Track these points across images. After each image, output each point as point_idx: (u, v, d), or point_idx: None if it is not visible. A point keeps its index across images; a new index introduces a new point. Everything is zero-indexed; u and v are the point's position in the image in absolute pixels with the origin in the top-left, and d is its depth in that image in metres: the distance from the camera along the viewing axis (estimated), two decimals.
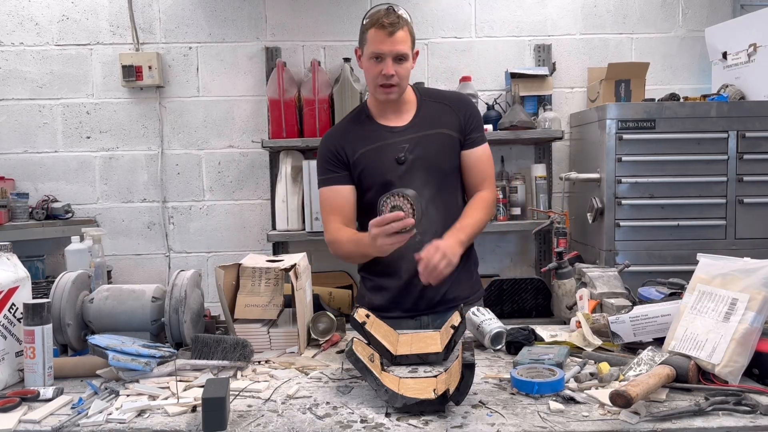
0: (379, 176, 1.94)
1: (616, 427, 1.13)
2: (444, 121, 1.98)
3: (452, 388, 1.19)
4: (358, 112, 2.07)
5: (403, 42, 1.87)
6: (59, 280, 1.61)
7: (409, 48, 1.90)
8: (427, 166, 1.94)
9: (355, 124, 2.03)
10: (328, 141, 2.03)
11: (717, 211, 2.79)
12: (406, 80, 1.93)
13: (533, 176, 3.21)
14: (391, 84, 1.89)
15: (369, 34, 1.87)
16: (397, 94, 1.93)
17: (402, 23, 1.87)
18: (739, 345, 1.27)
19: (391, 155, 1.94)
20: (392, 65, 1.87)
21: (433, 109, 2.01)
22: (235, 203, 3.35)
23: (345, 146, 1.97)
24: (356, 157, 1.96)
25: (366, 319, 1.55)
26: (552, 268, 2.07)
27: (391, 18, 1.85)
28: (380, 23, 1.84)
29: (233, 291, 1.69)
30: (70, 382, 1.42)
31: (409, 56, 1.91)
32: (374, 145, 1.96)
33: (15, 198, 3.08)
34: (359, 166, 1.96)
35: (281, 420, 1.19)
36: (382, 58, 1.87)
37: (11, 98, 3.26)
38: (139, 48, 3.26)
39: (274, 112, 3.07)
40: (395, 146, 1.95)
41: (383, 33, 1.84)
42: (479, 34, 3.32)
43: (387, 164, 1.94)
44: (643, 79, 3.11)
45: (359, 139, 1.98)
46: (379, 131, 1.98)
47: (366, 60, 1.91)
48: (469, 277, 2.04)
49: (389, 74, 1.87)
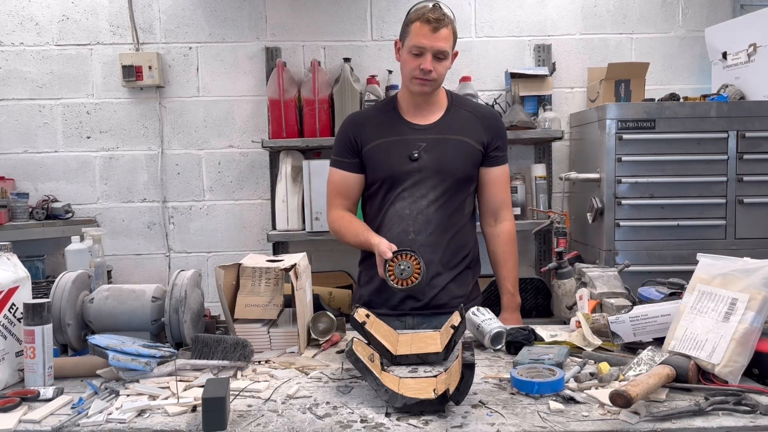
0: (388, 170, 1.95)
1: (616, 427, 1.13)
2: (469, 130, 1.97)
3: (452, 388, 1.19)
4: (386, 102, 2.08)
5: (445, 39, 1.86)
6: (59, 280, 1.61)
7: (451, 47, 1.90)
8: (439, 169, 1.93)
9: (379, 113, 2.03)
10: (348, 125, 2.04)
11: (717, 211, 2.79)
12: (442, 78, 1.92)
13: (533, 176, 3.21)
14: (428, 79, 1.88)
15: (413, 27, 1.87)
16: (431, 89, 1.92)
17: (447, 21, 1.86)
18: (739, 345, 1.27)
19: (405, 151, 1.94)
20: (431, 61, 1.86)
21: (462, 116, 1.99)
22: (235, 203, 3.35)
23: (362, 134, 1.98)
24: (369, 147, 1.96)
25: (366, 319, 1.55)
26: (552, 268, 2.07)
27: (437, 14, 1.84)
28: (426, 17, 1.83)
29: (233, 291, 1.69)
30: (70, 382, 1.42)
31: (449, 55, 1.90)
32: (391, 138, 1.96)
33: (15, 198, 3.08)
34: (371, 157, 1.97)
35: (281, 420, 1.19)
36: (422, 53, 1.86)
37: (11, 98, 3.26)
38: (139, 48, 3.26)
39: (274, 112, 3.07)
40: (412, 143, 1.94)
41: (428, 28, 1.84)
42: (479, 34, 3.32)
43: (399, 158, 1.94)
44: (643, 79, 3.11)
45: (378, 129, 1.98)
46: (400, 125, 1.98)
47: (406, 53, 1.90)
48: (461, 284, 2.01)
49: (427, 69, 1.86)
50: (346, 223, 1.99)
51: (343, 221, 2.00)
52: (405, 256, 1.75)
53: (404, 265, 1.74)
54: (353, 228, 1.96)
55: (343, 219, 2.00)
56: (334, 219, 2.03)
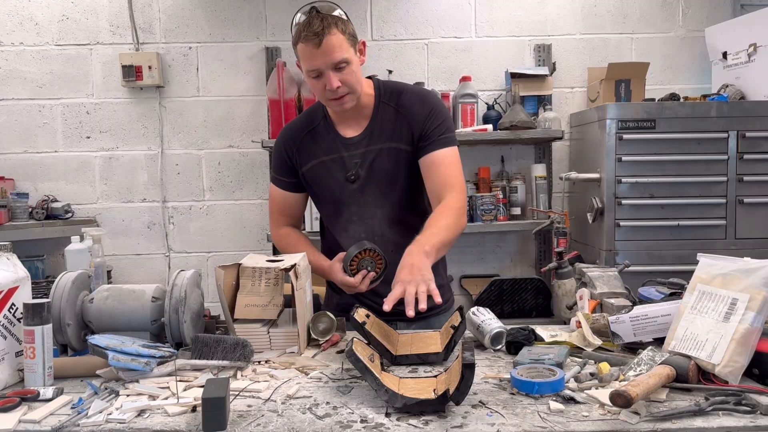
0: (329, 194, 1.85)
1: (616, 427, 1.12)
2: (396, 133, 1.80)
3: (452, 388, 1.19)
4: (317, 109, 1.89)
5: (336, 48, 1.64)
6: (59, 280, 1.61)
7: (347, 49, 1.67)
8: (380, 183, 1.81)
9: (312, 127, 1.87)
10: (283, 142, 1.90)
11: (717, 211, 2.79)
12: (357, 84, 1.72)
13: (533, 176, 3.22)
14: (341, 95, 1.70)
15: (298, 50, 1.68)
16: (351, 103, 1.74)
17: (328, 26, 1.62)
18: (739, 345, 1.27)
19: (342, 172, 1.82)
20: (334, 77, 1.66)
21: (389, 115, 1.81)
22: (235, 203, 3.35)
23: (297, 154, 1.86)
24: (306, 169, 1.86)
25: (366, 319, 1.55)
26: (552, 268, 2.07)
27: (315, 26, 1.62)
28: (304, 36, 1.63)
29: (233, 291, 1.69)
30: (70, 382, 1.42)
31: (350, 59, 1.68)
32: (327, 158, 1.84)
33: (15, 198, 3.08)
34: (310, 179, 1.87)
35: (281, 420, 1.19)
36: (321, 73, 1.67)
37: (11, 98, 3.26)
38: (139, 48, 3.26)
39: (274, 112, 3.07)
40: (347, 161, 1.82)
41: (311, 46, 1.63)
42: (479, 34, 3.32)
43: (338, 182, 1.83)
44: (643, 79, 3.11)
45: (313, 147, 1.85)
46: (333, 142, 1.84)
47: (306, 77, 1.73)
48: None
49: (333, 88, 1.67)
50: (293, 242, 1.90)
51: (289, 240, 1.92)
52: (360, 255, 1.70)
53: (365, 263, 1.71)
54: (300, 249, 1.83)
55: (289, 238, 1.92)
56: (279, 237, 1.95)
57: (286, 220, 1.96)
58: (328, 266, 1.78)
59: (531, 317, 2.95)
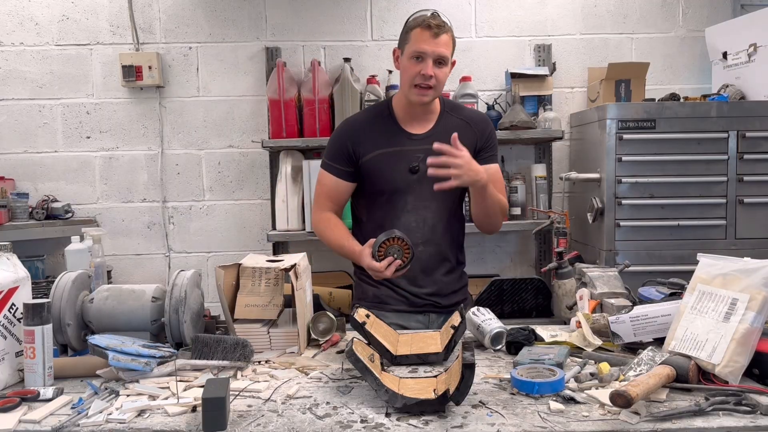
0: (390, 183, 1.97)
1: (616, 427, 1.13)
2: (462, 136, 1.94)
3: (452, 388, 1.19)
4: (382, 107, 2.06)
5: (446, 45, 1.87)
6: (59, 280, 1.61)
7: (450, 53, 1.91)
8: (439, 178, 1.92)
9: (376, 121, 2.02)
10: (345, 132, 2.03)
11: (717, 211, 2.79)
12: (441, 85, 1.92)
13: (533, 176, 3.21)
14: (428, 86, 1.88)
15: (413, 33, 1.88)
16: (430, 98, 1.92)
17: (447, 28, 1.88)
18: (739, 345, 1.27)
19: (405, 163, 1.96)
20: (432, 66, 1.86)
21: (453, 123, 2.00)
22: (235, 203, 3.35)
23: (359, 144, 1.98)
24: (369, 157, 1.97)
25: (366, 319, 1.55)
26: (552, 268, 2.07)
27: (437, 20, 1.86)
28: (426, 23, 1.85)
29: (233, 291, 1.69)
30: (70, 382, 1.42)
31: (449, 61, 1.91)
32: (392, 149, 1.97)
33: (15, 198, 3.07)
34: (370, 168, 1.97)
35: (281, 420, 1.19)
36: (423, 58, 1.86)
37: (11, 98, 3.26)
38: (139, 48, 3.26)
39: (274, 112, 3.07)
40: (411, 154, 1.96)
41: (428, 33, 1.85)
42: (479, 34, 3.32)
43: (400, 172, 1.96)
44: (643, 79, 3.11)
45: (377, 139, 1.98)
46: (399, 135, 1.99)
47: (406, 59, 1.90)
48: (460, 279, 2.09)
49: (428, 74, 1.86)
50: (332, 226, 2.01)
51: (329, 223, 2.02)
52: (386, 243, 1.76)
53: (392, 251, 1.75)
54: (337, 233, 1.99)
55: (330, 221, 2.02)
56: (319, 219, 2.05)
57: (330, 206, 2.05)
58: (359, 251, 1.85)
59: (531, 317, 2.95)
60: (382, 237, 1.75)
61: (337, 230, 1.99)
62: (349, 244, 1.94)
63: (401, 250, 1.76)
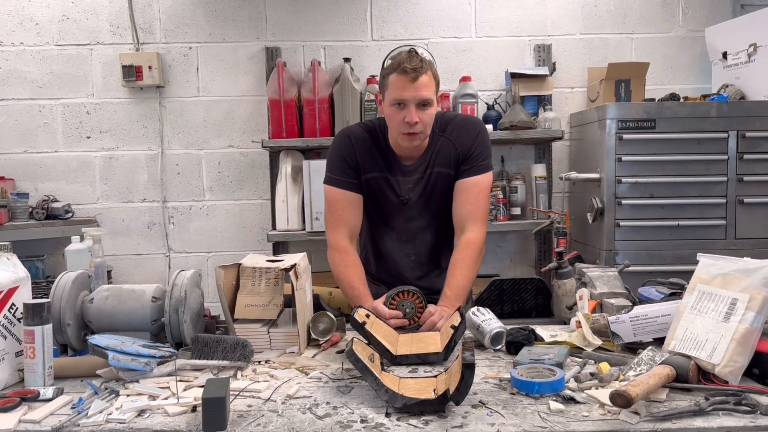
0: (381, 207, 1.98)
1: (616, 427, 1.13)
2: (444, 158, 1.94)
3: (452, 388, 1.19)
4: (378, 130, 1.97)
5: (426, 87, 1.78)
6: (59, 280, 1.61)
7: (433, 93, 1.82)
8: (427, 205, 1.97)
9: (374, 142, 1.96)
10: (349, 144, 1.95)
11: (717, 211, 2.79)
12: (430, 126, 1.86)
13: (533, 176, 3.21)
14: (416, 132, 1.82)
15: (391, 79, 1.80)
16: (419, 141, 1.87)
17: (425, 67, 1.78)
18: (739, 345, 1.27)
19: (395, 193, 1.96)
20: (416, 112, 1.78)
21: (440, 144, 1.95)
22: (235, 203, 3.35)
23: (361, 159, 1.94)
24: (368, 177, 1.96)
25: (366, 319, 1.55)
26: (552, 268, 2.07)
27: (414, 62, 1.76)
28: (402, 68, 1.76)
29: (233, 291, 1.69)
30: (70, 382, 1.42)
31: (433, 101, 1.82)
32: (383, 175, 1.95)
33: (15, 198, 3.08)
34: (367, 188, 1.97)
35: (281, 420, 1.19)
36: (404, 105, 1.79)
37: (11, 98, 3.26)
38: (139, 48, 3.26)
39: (274, 112, 3.07)
40: (402, 184, 1.96)
41: (406, 79, 1.76)
42: (479, 34, 3.32)
43: (389, 201, 1.97)
44: (643, 79, 3.11)
45: (375, 161, 1.95)
46: (392, 163, 1.96)
47: (387, 106, 1.83)
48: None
49: (412, 122, 1.79)
50: (350, 264, 1.92)
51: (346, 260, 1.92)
52: (401, 296, 1.79)
53: (406, 305, 1.78)
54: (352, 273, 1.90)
55: (347, 260, 1.92)
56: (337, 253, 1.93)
57: (346, 231, 1.93)
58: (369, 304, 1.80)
59: (531, 317, 2.95)
60: (400, 288, 1.80)
61: (352, 271, 1.90)
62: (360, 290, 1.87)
63: (414, 308, 1.79)
